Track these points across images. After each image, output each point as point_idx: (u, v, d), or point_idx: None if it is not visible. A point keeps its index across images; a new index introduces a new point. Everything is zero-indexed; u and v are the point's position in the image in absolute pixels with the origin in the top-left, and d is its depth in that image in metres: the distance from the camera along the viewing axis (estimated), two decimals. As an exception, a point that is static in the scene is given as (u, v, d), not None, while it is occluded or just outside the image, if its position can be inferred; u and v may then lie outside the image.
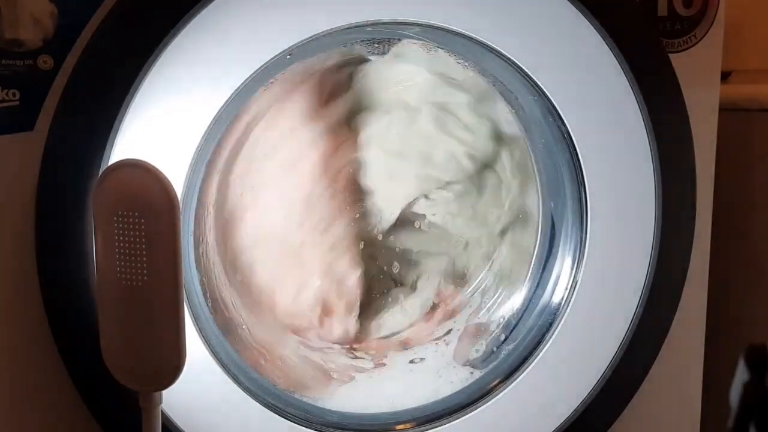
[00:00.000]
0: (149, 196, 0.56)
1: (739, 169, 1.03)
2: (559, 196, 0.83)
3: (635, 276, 0.80)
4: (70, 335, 0.63)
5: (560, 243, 0.84)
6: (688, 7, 0.81)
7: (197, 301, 0.72)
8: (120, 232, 0.57)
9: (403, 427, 0.80)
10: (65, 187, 0.61)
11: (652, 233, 0.79)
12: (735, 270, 1.05)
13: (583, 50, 0.74)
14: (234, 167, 0.79)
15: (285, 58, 0.67)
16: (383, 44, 0.79)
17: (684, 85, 0.78)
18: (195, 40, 0.62)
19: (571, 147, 0.77)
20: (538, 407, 0.81)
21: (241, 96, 0.67)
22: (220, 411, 0.71)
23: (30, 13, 0.59)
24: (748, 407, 1.07)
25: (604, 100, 0.76)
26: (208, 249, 0.78)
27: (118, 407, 0.64)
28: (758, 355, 1.06)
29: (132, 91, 0.61)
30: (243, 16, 0.64)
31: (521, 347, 0.83)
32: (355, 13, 0.68)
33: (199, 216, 0.75)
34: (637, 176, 0.78)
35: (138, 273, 0.57)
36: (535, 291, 0.85)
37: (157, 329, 0.58)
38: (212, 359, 0.70)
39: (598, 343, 0.81)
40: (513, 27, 0.72)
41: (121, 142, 0.62)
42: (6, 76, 0.60)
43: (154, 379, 0.60)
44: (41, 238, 0.62)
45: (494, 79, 0.81)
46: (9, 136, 0.61)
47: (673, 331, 0.83)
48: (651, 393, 0.84)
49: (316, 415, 0.78)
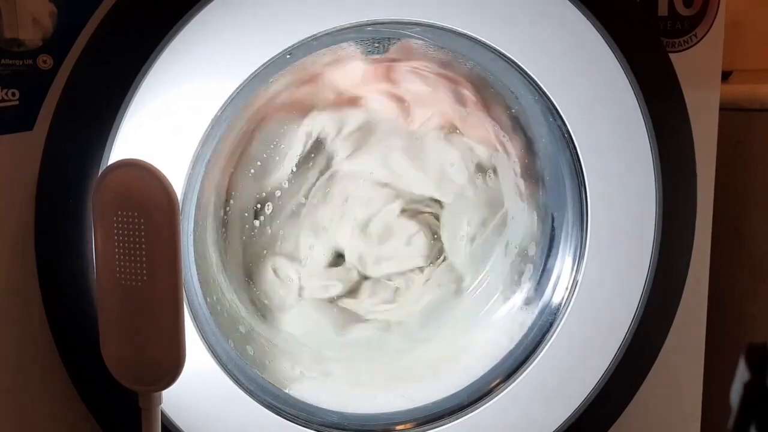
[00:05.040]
0: (149, 196, 0.56)
1: (739, 169, 1.03)
2: (560, 196, 0.83)
3: (635, 276, 0.80)
4: (70, 335, 0.63)
5: (560, 243, 0.84)
6: (688, 7, 0.81)
7: (197, 301, 0.72)
8: (120, 232, 0.57)
9: (403, 427, 0.80)
10: (65, 187, 0.61)
11: (653, 233, 0.79)
12: (735, 270, 1.05)
13: (583, 50, 0.74)
14: (234, 167, 0.79)
15: (285, 57, 0.67)
16: (383, 44, 0.79)
17: (684, 84, 0.78)
18: (194, 39, 0.62)
19: (572, 147, 0.77)
20: (538, 407, 0.81)
21: (241, 96, 0.67)
22: (220, 411, 0.71)
23: (29, 12, 0.59)
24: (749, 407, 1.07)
25: (605, 99, 0.76)
26: (208, 249, 0.78)
27: (118, 407, 0.64)
28: (758, 354, 1.06)
29: (131, 91, 0.61)
30: (242, 15, 0.64)
31: (521, 347, 0.83)
32: (355, 13, 0.68)
33: (199, 216, 0.75)
34: (637, 176, 0.78)
35: (138, 273, 0.57)
36: (535, 291, 0.85)
37: (157, 329, 0.58)
38: (212, 359, 0.70)
39: (599, 343, 0.81)
40: (513, 27, 0.72)
41: (120, 141, 0.62)
42: (5, 75, 0.59)
43: (154, 379, 0.60)
44: (41, 238, 0.62)
45: (494, 79, 0.81)
46: (8, 136, 0.61)
47: (674, 331, 0.83)
48: (651, 393, 0.84)
49: (316, 415, 0.78)
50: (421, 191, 0.86)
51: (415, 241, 0.86)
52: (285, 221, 0.82)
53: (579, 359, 0.81)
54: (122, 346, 0.59)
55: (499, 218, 0.88)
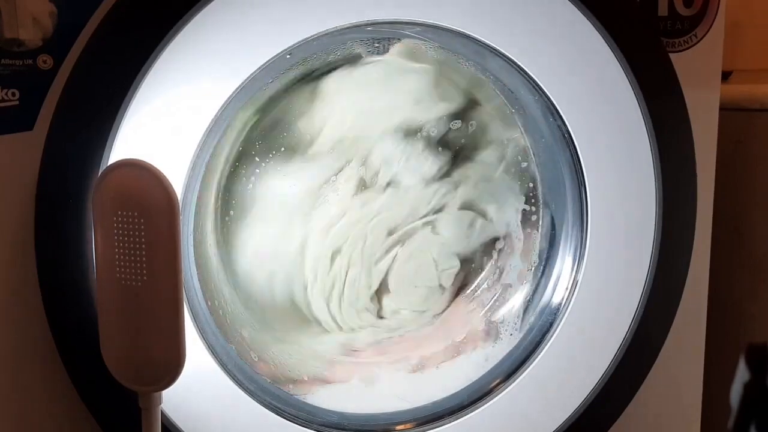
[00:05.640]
0: (149, 196, 0.56)
1: (739, 169, 1.03)
2: (560, 196, 0.83)
3: (635, 276, 0.80)
4: (70, 335, 0.63)
5: (560, 243, 0.84)
6: (688, 7, 0.81)
7: (197, 301, 0.72)
8: (120, 232, 0.57)
9: (403, 427, 0.80)
10: (65, 188, 0.61)
11: (653, 233, 0.79)
12: (735, 270, 1.05)
13: (583, 50, 0.74)
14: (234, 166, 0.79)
15: (285, 57, 0.67)
16: (383, 44, 0.79)
17: (684, 84, 0.78)
18: (194, 39, 0.62)
19: (572, 147, 0.77)
20: (538, 407, 0.81)
21: (241, 96, 0.67)
22: (220, 411, 0.71)
23: (29, 12, 0.59)
24: (749, 407, 1.07)
25: (605, 99, 0.76)
26: (208, 248, 0.78)
27: (118, 407, 0.64)
28: (758, 354, 1.06)
29: (131, 91, 0.61)
30: (243, 15, 0.64)
31: (521, 347, 0.83)
32: (355, 13, 0.68)
33: (199, 216, 0.75)
34: (638, 176, 0.78)
35: (138, 273, 0.57)
36: (535, 291, 0.85)
37: (157, 329, 0.58)
38: (212, 359, 0.70)
39: (599, 343, 0.81)
40: (513, 27, 0.72)
41: (120, 141, 0.62)
42: (5, 75, 0.59)
43: (154, 379, 0.60)
44: (41, 239, 0.62)
45: (494, 79, 0.81)
46: (8, 136, 0.61)
47: (674, 331, 0.83)
48: (651, 393, 0.84)
49: (316, 415, 0.78)
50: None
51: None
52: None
53: (579, 359, 0.81)
54: (122, 346, 0.59)
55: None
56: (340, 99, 0.80)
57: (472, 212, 0.87)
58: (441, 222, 0.86)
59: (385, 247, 0.85)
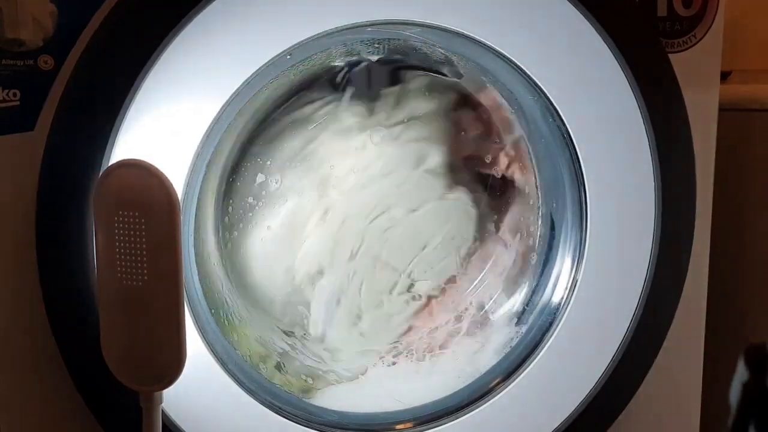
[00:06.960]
0: (150, 196, 0.56)
1: (739, 169, 1.03)
2: (559, 196, 0.83)
3: (635, 276, 0.80)
4: (71, 335, 0.63)
5: (560, 243, 0.84)
6: (687, 7, 0.81)
7: (198, 300, 0.72)
8: (121, 232, 0.57)
9: (403, 426, 0.80)
10: (66, 188, 0.61)
11: (652, 233, 0.79)
12: (735, 270, 1.05)
13: (582, 50, 0.74)
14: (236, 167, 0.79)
15: (285, 58, 0.68)
16: (383, 44, 0.80)
17: (684, 85, 0.78)
18: (195, 39, 0.63)
19: (571, 147, 0.77)
20: (538, 407, 0.81)
21: (241, 96, 0.67)
22: (220, 411, 0.71)
23: (30, 12, 0.59)
24: (748, 407, 1.07)
25: (604, 100, 0.76)
26: (209, 248, 0.78)
27: (118, 407, 0.64)
28: (758, 354, 1.06)
29: (132, 91, 0.61)
30: (243, 16, 0.64)
31: (521, 347, 0.83)
32: (355, 13, 0.68)
33: (200, 216, 0.75)
34: (637, 176, 0.78)
35: (139, 273, 0.57)
36: (535, 291, 0.85)
37: (158, 329, 0.59)
38: (212, 359, 0.70)
39: (598, 343, 0.81)
40: (513, 27, 0.72)
41: (121, 142, 0.62)
42: (6, 76, 0.60)
43: (155, 379, 0.60)
44: (41, 239, 0.62)
45: (494, 79, 0.81)
46: (9, 136, 0.61)
47: (673, 330, 0.83)
48: (651, 393, 0.84)
49: (316, 415, 0.78)
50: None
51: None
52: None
53: (579, 359, 0.81)
54: (123, 345, 0.59)
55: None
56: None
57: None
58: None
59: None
